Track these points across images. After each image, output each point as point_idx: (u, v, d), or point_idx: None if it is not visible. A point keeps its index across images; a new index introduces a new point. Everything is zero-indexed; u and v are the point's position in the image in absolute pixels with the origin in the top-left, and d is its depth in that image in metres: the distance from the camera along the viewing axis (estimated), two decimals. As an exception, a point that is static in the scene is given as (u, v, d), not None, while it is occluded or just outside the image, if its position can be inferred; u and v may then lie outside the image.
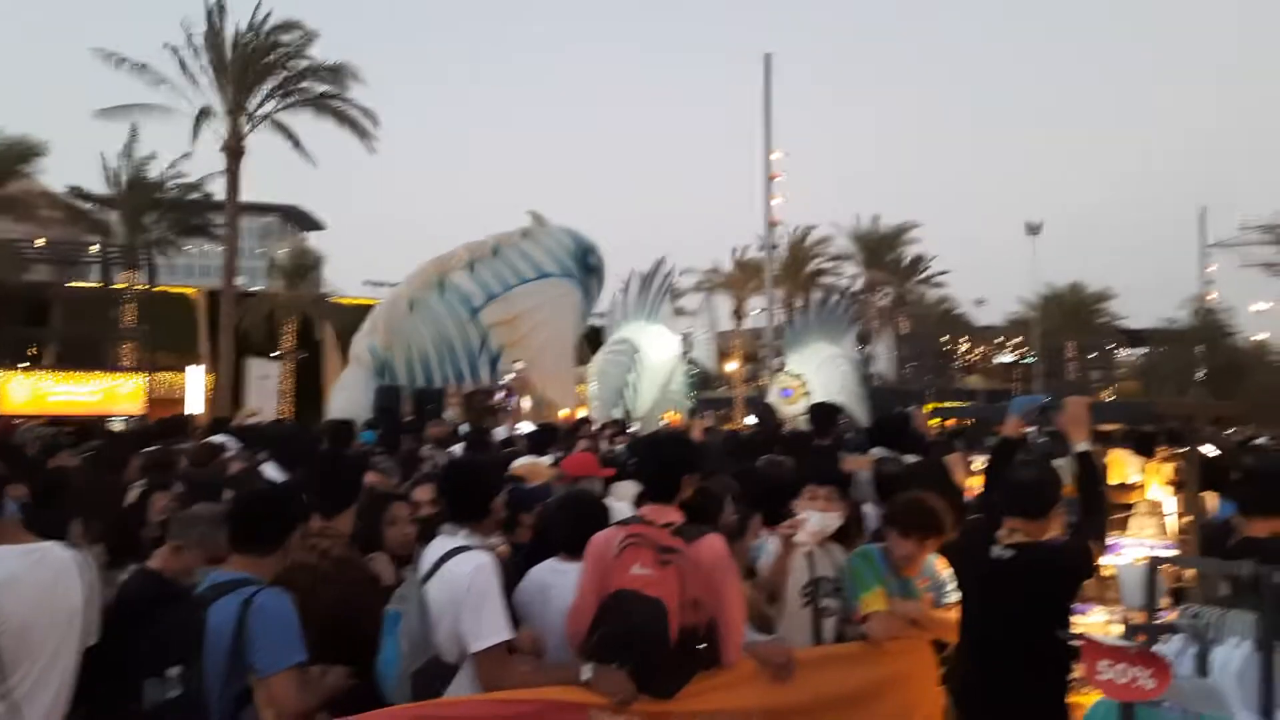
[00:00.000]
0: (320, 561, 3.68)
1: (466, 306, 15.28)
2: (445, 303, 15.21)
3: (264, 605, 3.00)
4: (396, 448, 7.92)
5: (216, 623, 2.96)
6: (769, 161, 30.90)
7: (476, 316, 15.19)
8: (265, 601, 3.01)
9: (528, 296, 15.59)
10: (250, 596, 3.01)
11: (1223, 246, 56.94)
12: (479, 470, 3.77)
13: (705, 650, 3.35)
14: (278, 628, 2.99)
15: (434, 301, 15.17)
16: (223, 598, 3.01)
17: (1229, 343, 35.12)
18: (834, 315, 18.20)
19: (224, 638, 2.93)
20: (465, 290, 15.29)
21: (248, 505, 3.41)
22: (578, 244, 16.73)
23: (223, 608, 2.99)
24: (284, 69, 28.87)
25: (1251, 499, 4.24)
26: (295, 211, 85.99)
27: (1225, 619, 2.59)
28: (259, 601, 3.00)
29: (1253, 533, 4.20)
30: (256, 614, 2.97)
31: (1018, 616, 3.61)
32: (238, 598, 3.00)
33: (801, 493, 4.12)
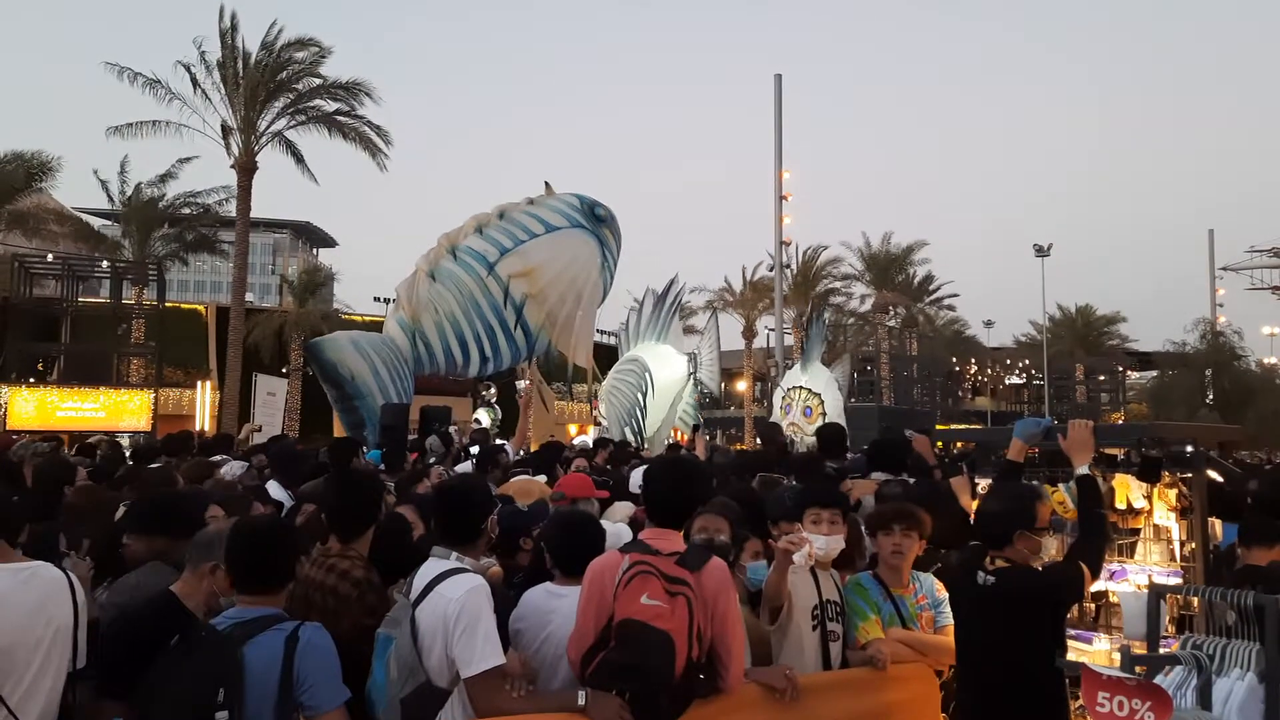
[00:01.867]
0: (339, 584, 3.66)
1: (482, 263, 15.36)
2: (461, 264, 15.28)
3: (312, 643, 2.92)
4: (400, 466, 7.88)
5: (259, 662, 2.82)
6: (780, 181, 31.01)
7: (494, 271, 15.27)
8: (313, 639, 2.93)
9: (541, 249, 15.71)
10: (293, 632, 2.91)
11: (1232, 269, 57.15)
12: (469, 491, 3.73)
13: (705, 678, 3.31)
14: (326, 666, 2.92)
15: (450, 266, 15.24)
16: (260, 635, 2.89)
17: (1238, 366, 34.93)
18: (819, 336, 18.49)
19: (269, 678, 2.82)
20: (478, 249, 15.40)
21: (250, 547, 3.19)
22: (582, 200, 16.89)
23: (264, 646, 2.86)
24: (296, 86, 29.11)
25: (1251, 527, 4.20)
26: (307, 228, 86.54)
27: (1228, 650, 2.54)
28: (305, 639, 2.91)
29: (1253, 560, 4.16)
30: (305, 653, 2.88)
31: (1004, 642, 3.60)
32: (279, 635, 2.90)
33: (804, 515, 4.08)
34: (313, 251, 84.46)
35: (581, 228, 16.42)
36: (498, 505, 3.91)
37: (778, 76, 31.55)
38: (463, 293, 15.17)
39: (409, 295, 15.04)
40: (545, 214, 16.26)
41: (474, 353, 15.31)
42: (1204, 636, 2.67)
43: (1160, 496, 4.60)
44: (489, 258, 15.27)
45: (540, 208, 16.36)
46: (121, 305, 29.27)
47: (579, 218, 16.54)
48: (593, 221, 16.58)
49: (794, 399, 17.03)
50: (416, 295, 14.95)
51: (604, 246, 16.68)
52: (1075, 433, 4.12)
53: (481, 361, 15.56)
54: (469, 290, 15.21)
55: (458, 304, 15.11)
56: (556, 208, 16.52)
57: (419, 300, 14.91)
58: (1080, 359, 50.24)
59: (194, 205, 31.96)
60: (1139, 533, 4.72)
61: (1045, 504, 3.96)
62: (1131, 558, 4.69)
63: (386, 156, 29.36)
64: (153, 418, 24.06)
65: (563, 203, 16.71)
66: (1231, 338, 36.06)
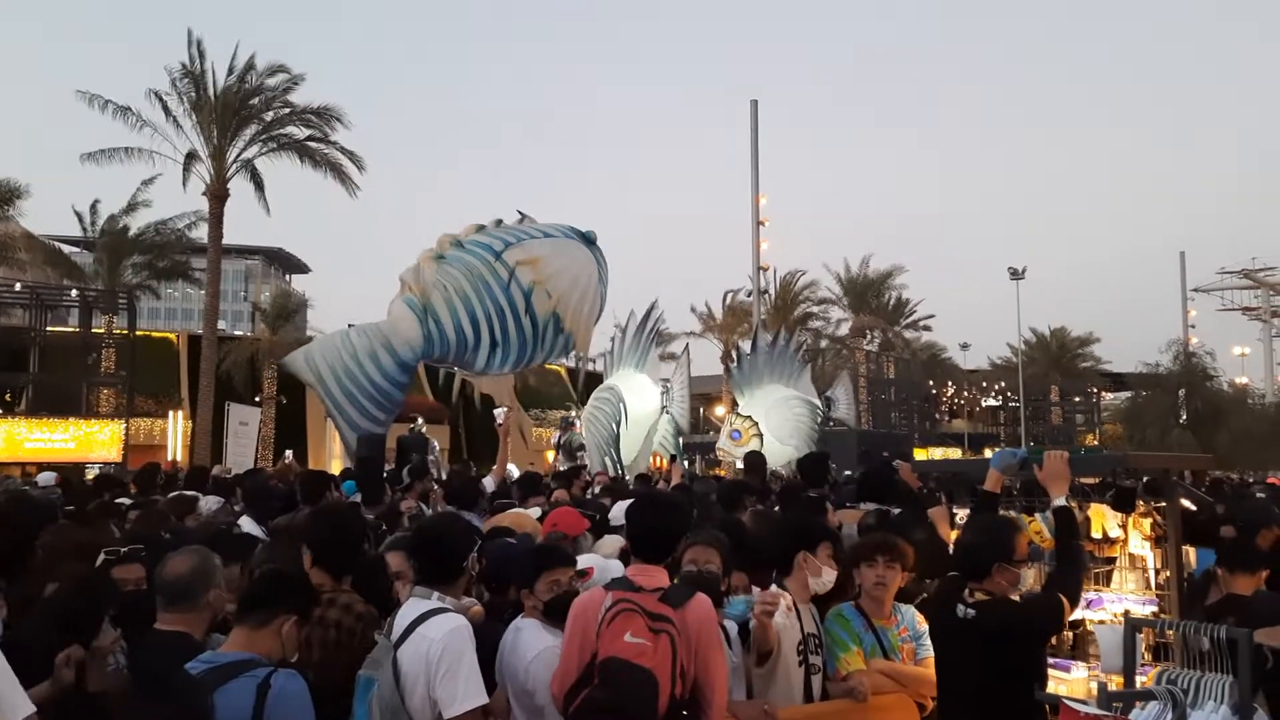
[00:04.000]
0: (343, 618, 3.63)
1: (489, 250, 15.40)
2: (468, 250, 15.31)
3: (285, 691, 2.85)
4: (379, 500, 7.79)
5: (229, 710, 2.75)
6: (757, 206, 31.26)
7: (500, 257, 15.31)
8: (285, 686, 2.86)
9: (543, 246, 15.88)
10: (265, 680, 2.85)
11: (1203, 291, 58.07)
12: (448, 530, 3.72)
13: (688, 715, 3.31)
14: (298, 715, 2.87)
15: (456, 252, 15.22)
16: (232, 682, 2.83)
17: (1210, 386, 35.37)
18: (786, 356, 17.75)
19: None
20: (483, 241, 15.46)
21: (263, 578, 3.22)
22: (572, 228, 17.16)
23: (235, 694, 2.80)
24: (267, 114, 29.07)
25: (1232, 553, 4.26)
26: (279, 254, 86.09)
27: (1202, 683, 2.57)
28: (278, 686, 2.84)
29: (1236, 588, 4.21)
30: (277, 700, 2.82)
31: (984, 674, 3.62)
32: (250, 682, 2.84)
33: None
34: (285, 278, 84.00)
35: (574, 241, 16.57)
36: (477, 543, 3.90)
37: (754, 102, 31.88)
38: (472, 272, 15.05)
39: (415, 278, 14.88)
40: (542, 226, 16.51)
41: (484, 334, 15.08)
42: (1179, 670, 2.71)
43: (1135, 525, 4.65)
44: (495, 247, 15.32)
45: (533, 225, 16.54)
46: (91, 334, 28.98)
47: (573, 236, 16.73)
48: (586, 243, 16.74)
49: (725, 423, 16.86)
50: (423, 277, 14.79)
51: (599, 264, 16.86)
52: (1051, 464, 4.16)
53: (491, 347, 15.30)
54: (478, 271, 15.08)
55: (467, 281, 14.94)
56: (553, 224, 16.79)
57: (427, 280, 14.75)
58: (1055, 381, 50.75)
59: (165, 233, 31.75)
60: (1114, 561, 4.77)
61: (1023, 535, 4.00)
62: (1107, 586, 4.74)
63: (357, 186, 29.36)
64: (124, 448, 23.76)
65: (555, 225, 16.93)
66: (1204, 358, 36.54)
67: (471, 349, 15.14)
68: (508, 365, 15.25)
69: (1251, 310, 60.33)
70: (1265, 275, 57.81)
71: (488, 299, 15.03)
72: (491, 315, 15.07)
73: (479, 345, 15.12)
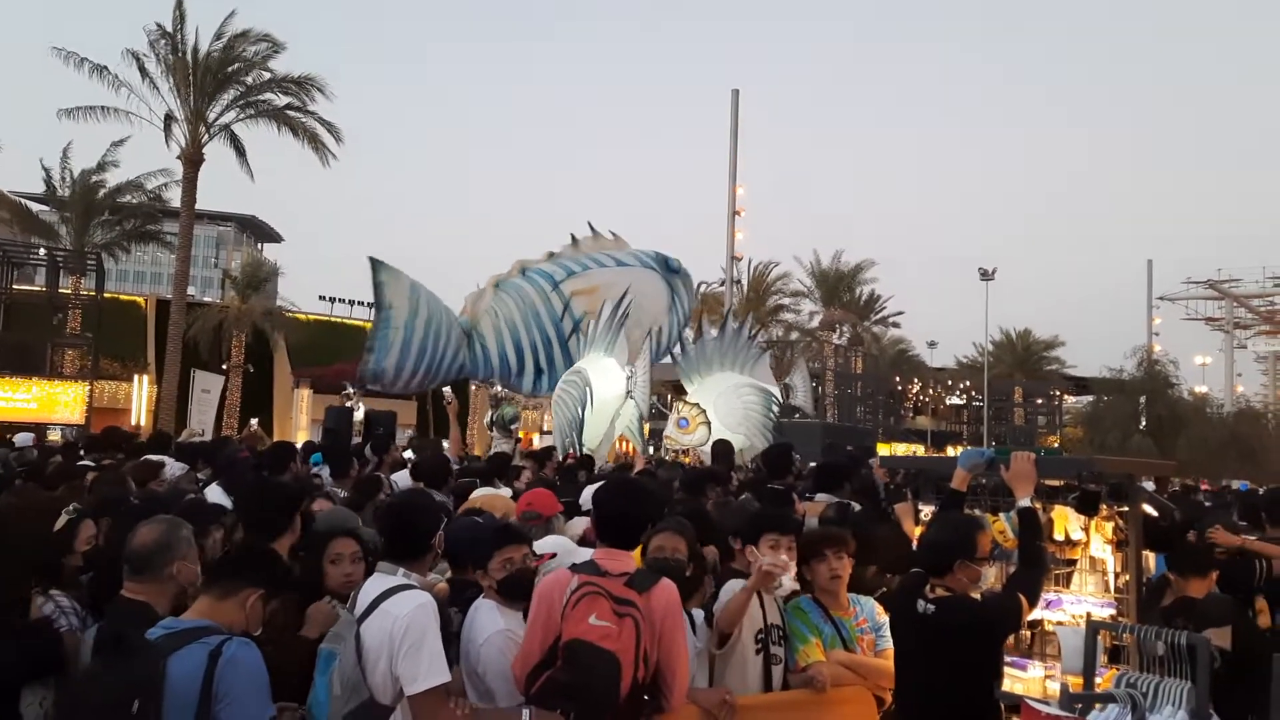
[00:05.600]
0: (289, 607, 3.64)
1: (548, 280, 16.30)
2: (528, 279, 16.25)
3: (235, 658, 2.83)
4: (346, 473, 7.75)
5: (180, 675, 2.74)
6: (734, 196, 31.26)
7: (558, 287, 16.18)
8: (238, 654, 2.84)
9: (607, 274, 16.63)
10: (218, 647, 2.83)
11: (1168, 299, 58.81)
12: (417, 507, 3.70)
13: (649, 699, 3.32)
14: (249, 682, 2.84)
15: (517, 280, 16.28)
16: (186, 647, 2.81)
17: (1171, 394, 35.88)
18: (740, 343, 17.61)
19: (189, 692, 2.75)
20: (546, 270, 16.38)
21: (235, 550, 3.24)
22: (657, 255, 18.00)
23: (188, 659, 2.79)
24: (246, 79, 28.65)
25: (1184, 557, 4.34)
26: (252, 222, 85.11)
27: (1160, 687, 2.61)
28: (229, 653, 2.83)
29: (1190, 591, 4.29)
30: (227, 667, 2.80)
31: (942, 670, 3.67)
32: (203, 648, 2.82)
33: (761, 540, 4.11)
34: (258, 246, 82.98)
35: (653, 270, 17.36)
36: (444, 520, 3.89)
37: (735, 91, 31.83)
38: (525, 302, 16.07)
39: (473, 303, 15.93)
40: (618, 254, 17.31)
41: (529, 362, 16.27)
42: (1138, 673, 2.75)
43: (1097, 529, 4.70)
44: (555, 277, 16.23)
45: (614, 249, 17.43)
46: (58, 294, 28.44)
47: (652, 263, 17.53)
48: (665, 270, 17.53)
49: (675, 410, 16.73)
50: (478, 303, 15.89)
51: (674, 294, 17.58)
52: (1018, 465, 4.21)
53: (536, 374, 16.32)
54: (531, 301, 16.09)
55: (518, 311, 15.97)
56: (631, 252, 17.57)
57: (479, 307, 15.81)
58: (1019, 382, 51.30)
59: (136, 192, 31.23)
60: (1075, 563, 4.82)
61: (986, 534, 4.04)
62: (1068, 588, 4.79)
63: (334, 156, 29.02)
64: (87, 411, 23.41)
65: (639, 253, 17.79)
66: (1166, 366, 37.05)
67: (516, 374, 16.13)
68: (555, 390, 15.91)
69: (1215, 321, 61.26)
70: (1230, 286, 58.69)
71: (535, 328, 16.02)
72: (538, 344, 16.12)
73: (523, 371, 16.25)
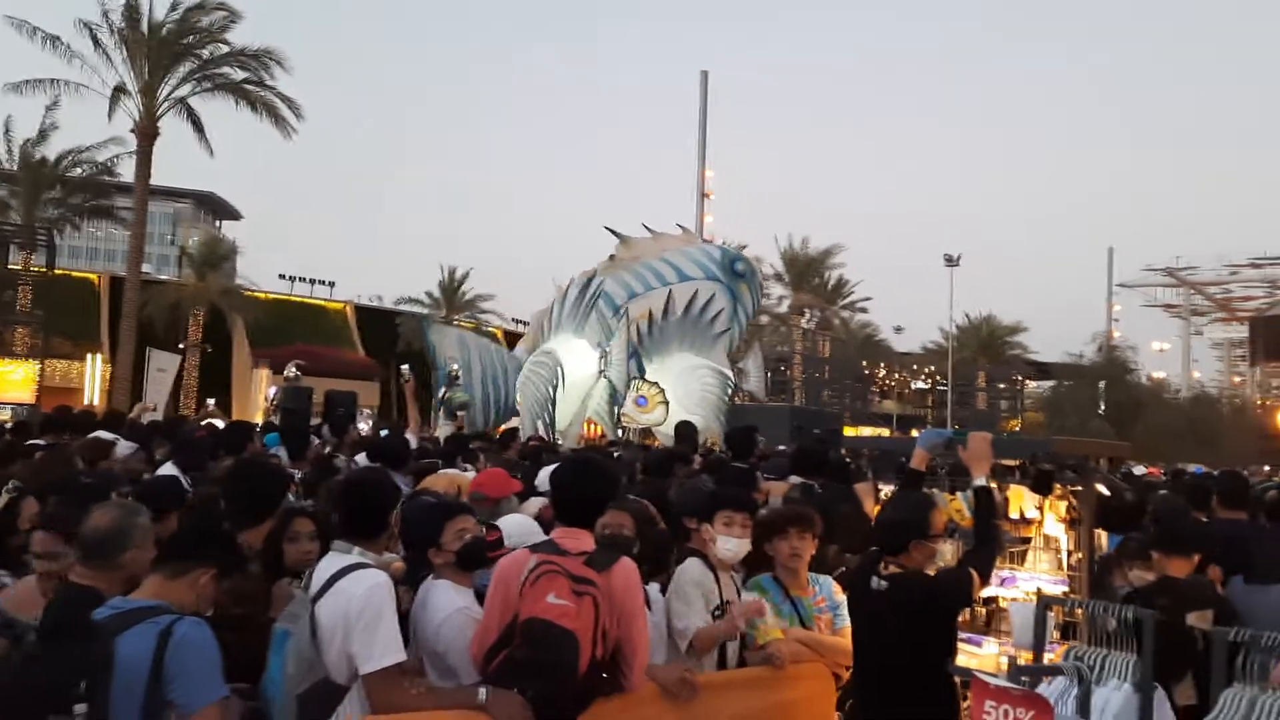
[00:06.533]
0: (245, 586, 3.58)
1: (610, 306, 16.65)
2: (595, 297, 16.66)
3: (185, 637, 2.79)
4: (304, 454, 7.67)
5: (129, 655, 2.70)
6: (703, 179, 31.26)
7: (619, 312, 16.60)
8: (188, 634, 2.80)
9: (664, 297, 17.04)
10: (168, 627, 2.79)
11: (1128, 286, 59.95)
12: (373, 485, 3.67)
13: (608, 677, 3.32)
14: (200, 661, 2.80)
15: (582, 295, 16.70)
16: (135, 627, 2.77)
17: (1130, 379, 36.57)
18: (700, 325, 17.69)
19: (139, 672, 2.71)
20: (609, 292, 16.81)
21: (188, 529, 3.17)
22: (724, 254, 18.13)
23: (137, 639, 2.74)
24: (203, 52, 28.11)
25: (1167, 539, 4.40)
26: (210, 198, 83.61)
27: (1107, 661, 2.65)
28: (179, 633, 2.78)
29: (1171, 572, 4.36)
30: (177, 647, 2.76)
31: (897, 646, 3.72)
32: (153, 627, 2.78)
33: (716, 518, 4.12)
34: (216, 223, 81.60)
35: (716, 280, 17.48)
36: (402, 499, 3.86)
37: (704, 73, 31.84)
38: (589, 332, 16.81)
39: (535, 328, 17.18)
40: (681, 262, 17.39)
41: None
42: (1085, 647, 2.79)
43: (1051, 508, 4.78)
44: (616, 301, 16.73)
45: (678, 255, 17.45)
46: (7, 270, 27.78)
47: (716, 270, 17.59)
48: (730, 276, 17.61)
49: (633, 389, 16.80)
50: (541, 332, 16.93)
51: (737, 301, 17.69)
52: (975, 445, 4.27)
53: None
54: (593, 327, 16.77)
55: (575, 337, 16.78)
56: (695, 258, 17.61)
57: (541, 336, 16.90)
58: (983, 367, 51.94)
59: (87, 165, 30.56)
60: (1030, 542, 4.90)
61: (940, 512, 4.10)
62: (1022, 565, 4.87)
63: (295, 131, 28.56)
64: (38, 390, 22.96)
65: (704, 254, 17.84)
66: (1125, 352, 37.78)
67: None
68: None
69: (1173, 308, 62.54)
70: (1188, 274, 59.86)
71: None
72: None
73: None
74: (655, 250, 17.90)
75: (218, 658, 2.87)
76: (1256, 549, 5.14)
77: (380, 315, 43.23)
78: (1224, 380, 61.04)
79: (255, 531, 3.90)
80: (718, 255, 18.16)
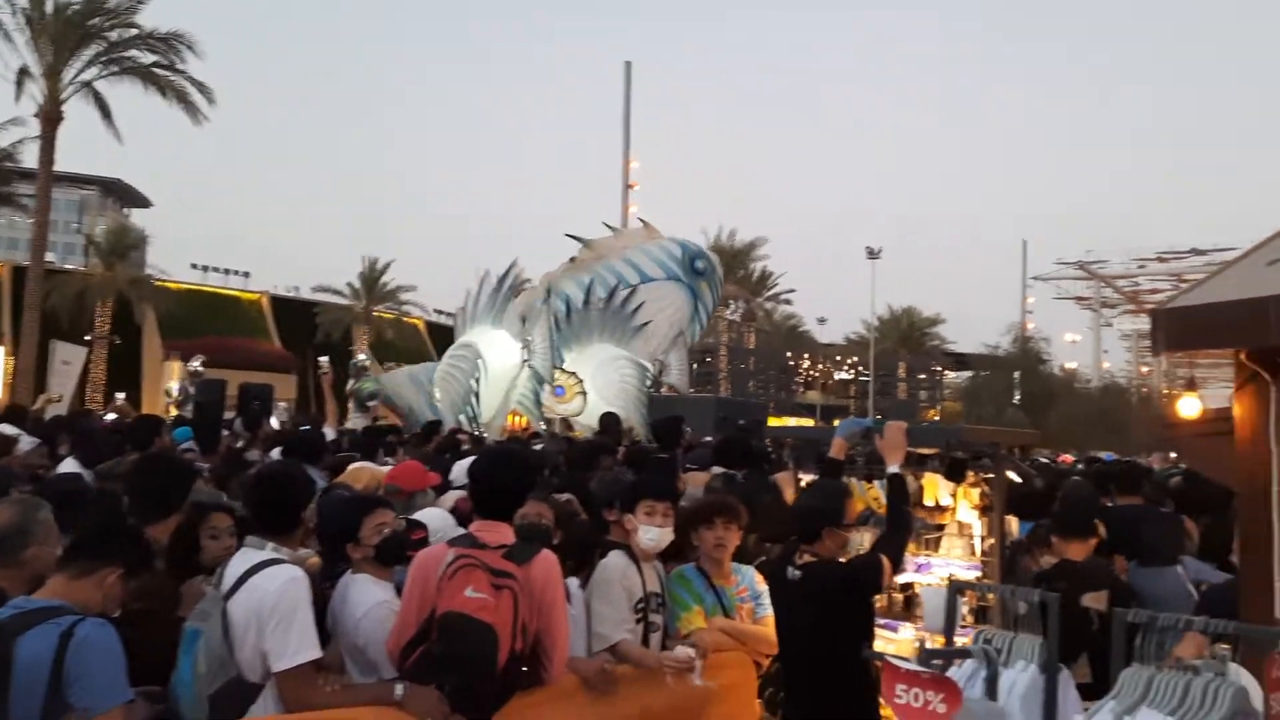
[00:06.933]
0: None
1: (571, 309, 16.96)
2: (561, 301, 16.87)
3: (87, 638, 2.70)
4: (215, 448, 7.47)
5: (29, 657, 2.62)
6: (627, 169, 31.23)
7: None
8: (90, 635, 2.71)
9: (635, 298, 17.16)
10: (70, 628, 2.70)
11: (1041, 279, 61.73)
12: (286, 478, 3.59)
13: (528, 670, 3.31)
14: (103, 663, 2.71)
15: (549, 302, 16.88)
16: (36, 628, 2.68)
17: (1043, 370, 37.66)
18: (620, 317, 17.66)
19: (39, 674, 2.62)
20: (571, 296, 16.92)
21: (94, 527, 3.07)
22: (685, 251, 18.26)
23: (37, 640, 2.66)
24: (110, 35, 27.10)
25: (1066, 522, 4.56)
26: (118, 185, 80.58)
27: (1014, 643, 2.73)
28: (81, 634, 2.69)
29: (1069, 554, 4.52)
30: (79, 648, 2.67)
31: (814, 633, 3.79)
32: (54, 628, 2.69)
33: (638, 507, 4.12)
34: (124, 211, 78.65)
35: (677, 280, 17.76)
36: (315, 495, 3.78)
37: (627, 63, 31.78)
38: None
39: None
40: (642, 261, 17.58)
41: None
42: (994, 630, 2.87)
43: (964, 495, 4.91)
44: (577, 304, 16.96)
45: (639, 254, 17.60)
46: (-100, 259, 26.51)
47: (676, 269, 17.84)
48: (690, 275, 17.90)
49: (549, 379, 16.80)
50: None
51: (698, 299, 18.02)
52: (890, 434, 4.37)
53: None
54: None
55: None
56: (656, 256, 17.78)
57: None
58: (903, 358, 53.03)
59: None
60: (944, 528, 5.03)
61: (853, 500, 4.18)
62: (937, 551, 5.00)
63: (206, 118, 27.72)
64: (-66, 384, 21.93)
65: (664, 252, 17.97)
66: (1039, 343, 38.89)
67: None
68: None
69: (1084, 300, 64.63)
70: (1098, 267, 61.87)
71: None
72: None
73: None
74: (617, 249, 17.96)
75: (122, 660, 2.79)
76: (1150, 533, 5.35)
77: (297, 306, 42.27)
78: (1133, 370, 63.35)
79: (161, 527, 3.80)
80: (678, 253, 18.34)
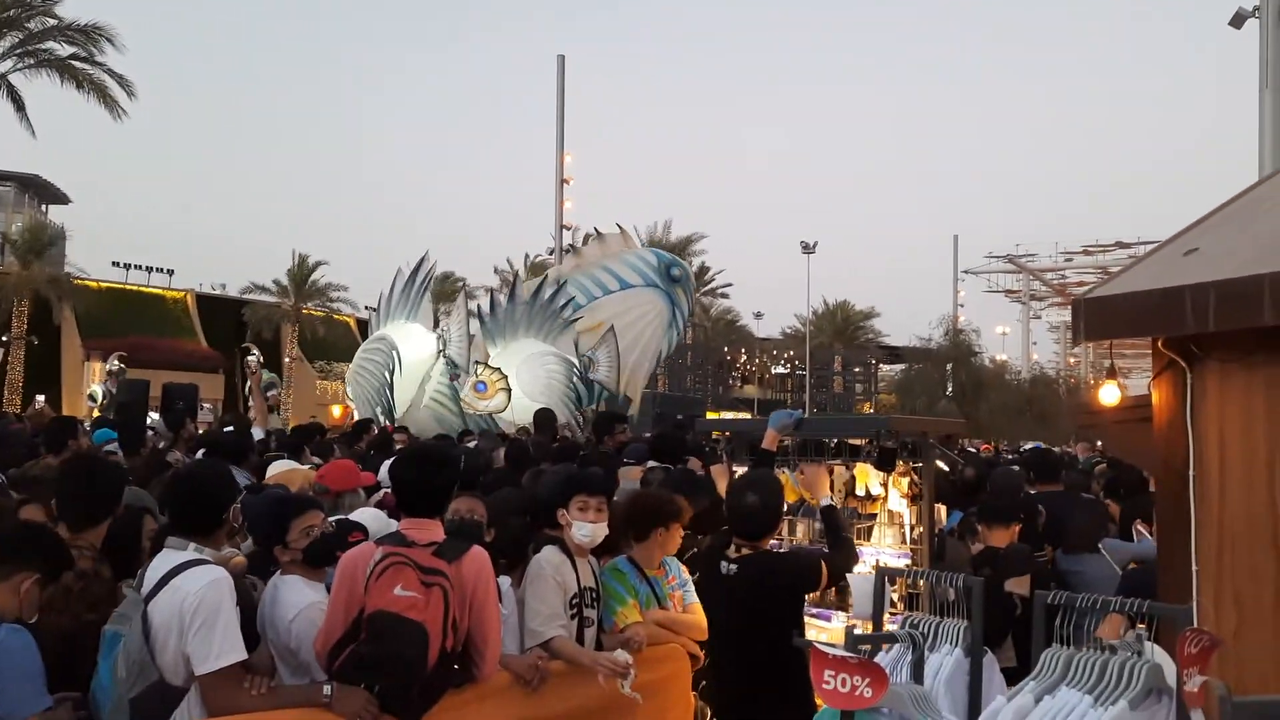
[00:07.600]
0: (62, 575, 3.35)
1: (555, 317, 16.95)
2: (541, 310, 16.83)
3: (4, 645, 2.64)
4: (138, 449, 7.27)
5: None
6: (562, 164, 31.03)
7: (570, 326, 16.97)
8: (5, 641, 2.65)
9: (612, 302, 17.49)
10: None
11: (972, 273, 63.09)
12: (207, 477, 3.51)
13: (459, 668, 3.28)
14: (19, 671, 2.64)
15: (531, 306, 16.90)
16: None
17: (974, 362, 38.38)
18: (548, 312, 17.47)
19: None
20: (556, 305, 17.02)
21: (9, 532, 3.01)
22: (660, 259, 18.66)
23: None
24: (28, 25, 26.14)
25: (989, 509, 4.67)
26: (35, 181, 77.73)
27: (940, 628, 2.78)
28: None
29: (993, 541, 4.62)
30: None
31: (748, 624, 3.82)
32: None
33: (571, 502, 4.10)
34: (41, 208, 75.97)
35: (655, 287, 18.04)
36: (241, 493, 3.70)
37: (560, 57, 31.48)
38: None
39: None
40: (622, 270, 17.90)
41: None
42: (921, 615, 2.92)
43: (894, 484, 4.99)
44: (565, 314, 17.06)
45: (617, 263, 17.94)
46: None
47: (654, 277, 18.13)
48: (667, 281, 18.15)
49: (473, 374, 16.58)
50: None
51: (675, 306, 18.30)
52: (809, 476, 4.52)
53: None
54: None
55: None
56: (634, 265, 18.12)
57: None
58: (839, 351, 53.76)
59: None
60: (875, 518, 5.11)
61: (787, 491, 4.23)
62: (868, 540, 5.07)
63: (125, 113, 26.85)
64: None
65: (641, 260, 18.37)
66: (970, 336, 39.64)
67: None
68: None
69: (1013, 293, 66.23)
70: (1027, 261, 63.39)
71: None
72: None
73: None
74: (599, 257, 18.32)
75: (39, 666, 2.72)
76: (1069, 520, 5.51)
77: (224, 304, 41.26)
78: (1060, 362, 65.07)
79: (94, 532, 3.69)
80: (654, 261, 18.63)
